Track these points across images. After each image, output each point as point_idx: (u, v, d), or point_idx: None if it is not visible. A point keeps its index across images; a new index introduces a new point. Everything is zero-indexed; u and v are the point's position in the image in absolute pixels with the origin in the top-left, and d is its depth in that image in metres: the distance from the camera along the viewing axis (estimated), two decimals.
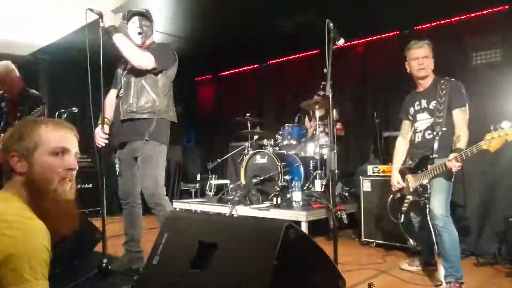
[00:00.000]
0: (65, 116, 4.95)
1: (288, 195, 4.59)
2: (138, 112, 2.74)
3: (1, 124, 3.78)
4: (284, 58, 6.68)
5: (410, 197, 2.86)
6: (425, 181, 2.69)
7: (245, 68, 7.29)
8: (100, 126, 2.77)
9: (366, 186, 4.16)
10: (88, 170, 6.72)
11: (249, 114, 5.66)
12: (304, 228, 3.89)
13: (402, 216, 2.97)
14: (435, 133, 2.72)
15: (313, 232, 4.15)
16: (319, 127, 4.94)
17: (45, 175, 1.24)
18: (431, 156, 2.68)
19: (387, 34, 5.50)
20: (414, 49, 2.86)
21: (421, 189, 2.73)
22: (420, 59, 2.81)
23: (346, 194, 4.77)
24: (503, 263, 3.27)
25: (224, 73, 7.66)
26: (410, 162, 2.91)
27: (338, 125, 5.26)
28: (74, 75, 6.65)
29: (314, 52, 6.15)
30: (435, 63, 2.90)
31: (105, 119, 2.84)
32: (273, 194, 4.42)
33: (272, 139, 5.29)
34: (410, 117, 2.99)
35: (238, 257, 1.42)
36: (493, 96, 4.50)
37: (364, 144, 5.49)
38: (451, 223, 2.65)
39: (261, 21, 5.18)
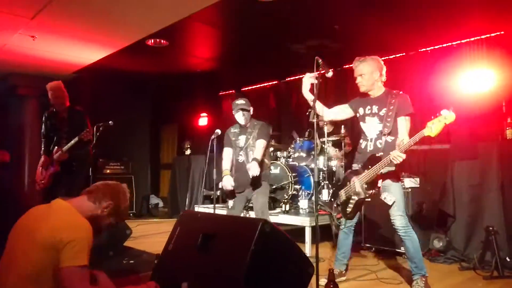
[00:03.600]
0: (101, 128, 5.47)
1: (298, 203, 5.06)
2: None
3: (54, 139, 4.31)
4: (301, 76, 7.14)
5: (355, 197, 3.05)
6: (371, 176, 2.94)
7: (265, 84, 7.82)
8: (229, 176, 3.98)
9: None
10: (121, 176, 7.47)
11: None
12: (307, 232, 4.34)
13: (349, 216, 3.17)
14: (383, 135, 3.00)
15: (321, 238, 4.56)
16: (327, 142, 5.39)
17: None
18: (377, 155, 2.94)
19: (395, 55, 5.89)
20: (354, 68, 3.19)
21: (365, 186, 2.98)
22: (357, 77, 3.16)
23: None
24: (487, 268, 3.57)
25: (246, 88, 8.21)
26: (358, 167, 3.15)
27: (347, 140, 5.68)
28: (111, 91, 7.45)
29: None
30: None
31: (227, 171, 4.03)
32: (282, 202, 4.91)
33: (285, 152, 5.77)
34: (358, 115, 3.25)
35: (229, 244, 1.92)
36: None
37: None
38: (412, 231, 3.00)
39: (279, 44, 5.73)
